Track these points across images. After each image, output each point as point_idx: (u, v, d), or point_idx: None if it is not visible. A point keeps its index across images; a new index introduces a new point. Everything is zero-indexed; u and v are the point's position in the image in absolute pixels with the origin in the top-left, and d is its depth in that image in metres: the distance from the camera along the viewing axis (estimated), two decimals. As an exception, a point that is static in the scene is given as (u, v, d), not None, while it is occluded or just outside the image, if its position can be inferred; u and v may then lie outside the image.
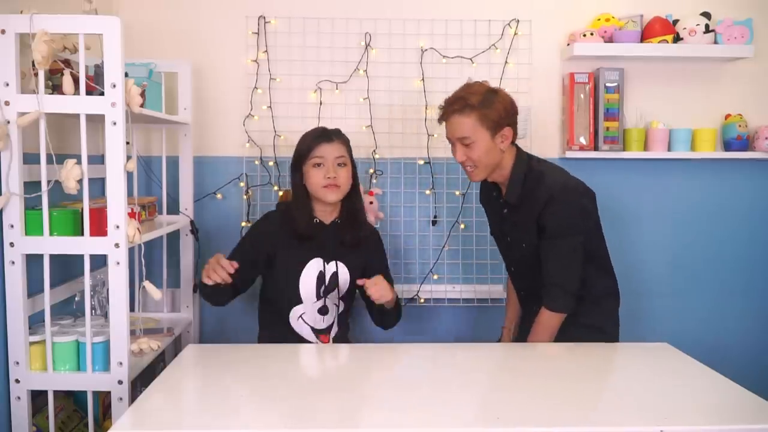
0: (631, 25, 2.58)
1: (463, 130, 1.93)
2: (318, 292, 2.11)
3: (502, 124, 1.93)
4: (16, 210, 1.70)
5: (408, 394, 1.48)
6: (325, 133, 2.12)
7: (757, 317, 2.77)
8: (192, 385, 1.60)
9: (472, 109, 1.91)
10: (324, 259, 2.12)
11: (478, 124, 1.91)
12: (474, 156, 1.95)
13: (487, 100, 1.91)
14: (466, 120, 1.92)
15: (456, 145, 1.98)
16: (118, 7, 2.55)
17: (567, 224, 1.92)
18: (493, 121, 1.91)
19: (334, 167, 2.07)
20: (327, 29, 2.61)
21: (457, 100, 1.94)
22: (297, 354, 1.83)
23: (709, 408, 1.42)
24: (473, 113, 1.91)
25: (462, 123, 1.93)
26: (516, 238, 2.05)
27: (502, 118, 1.92)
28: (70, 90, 1.70)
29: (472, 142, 1.93)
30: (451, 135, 1.99)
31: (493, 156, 1.96)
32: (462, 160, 1.98)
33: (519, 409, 1.41)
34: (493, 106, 1.91)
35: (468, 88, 1.96)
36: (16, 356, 1.74)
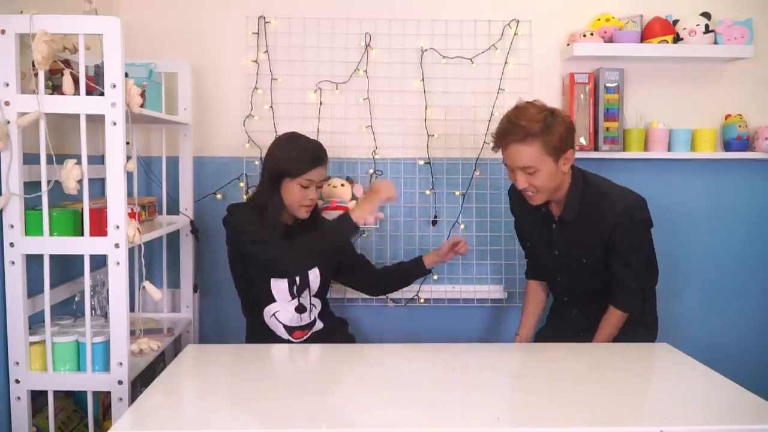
0: (631, 25, 2.58)
1: (527, 160, 1.87)
2: (291, 290, 2.13)
3: (565, 148, 1.90)
4: (16, 210, 1.70)
5: (408, 394, 1.48)
6: (320, 157, 2.11)
7: (757, 317, 2.77)
8: (192, 385, 1.60)
9: (534, 137, 1.85)
10: None
11: (542, 152, 1.86)
12: (538, 183, 1.91)
13: (547, 126, 1.85)
14: (528, 149, 1.86)
15: (517, 173, 1.93)
16: (118, 7, 2.55)
17: (640, 239, 1.98)
18: (555, 147, 1.86)
19: (316, 189, 2.12)
20: (327, 29, 2.61)
21: (516, 129, 1.87)
22: (297, 354, 1.83)
23: (709, 408, 1.42)
24: (535, 142, 1.85)
25: (524, 152, 1.87)
26: (571, 254, 2.04)
27: (564, 142, 1.88)
28: (70, 90, 1.70)
29: (537, 170, 1.88)
30: (511, 163, 1.92)
31: (556, 179, 1.93)
32: (524, 187, 1.93)
33: (519, 409, 1.41)
34: (554, 130, 1.86)
35: (525, 114, 1.88)
36: (16, 356, 1.74)
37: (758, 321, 2.78)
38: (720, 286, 2.77)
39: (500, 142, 1.92)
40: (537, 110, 1.89)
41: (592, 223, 1.96)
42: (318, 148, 2.14)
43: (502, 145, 1.92)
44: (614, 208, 1.93)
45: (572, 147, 1.92)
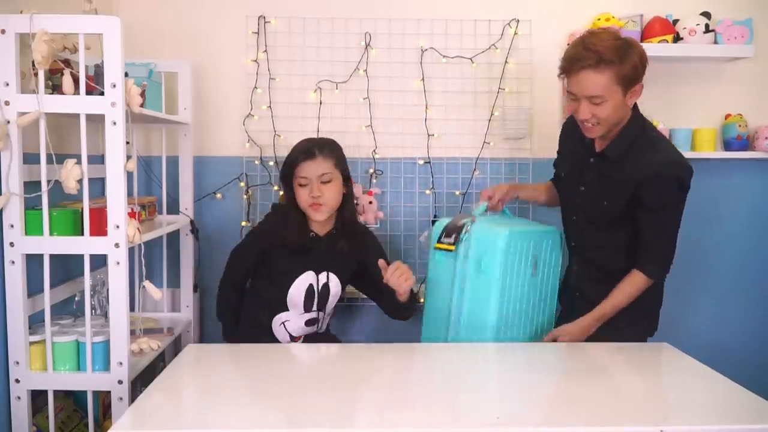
0: (631, 25, 2.58)
1: (596, 89, 1.77)
2: (306, 304, 2.10)
3: (636, 80, 1.80)
4: (16, 210, 1.70)
5: (407, 394, 1.48)
6: (309, 149, 2.04)
7: (757, 317, 2.77)
8: (192, 385, 1.60)
9: (607, 65, 1.74)
10: (315, 271, 2.10)
11: (613, 81, 1.76)
12: (602, 114, 1.81)
13: (623, 55, 1.75)
14: (600, 78, 1.76)
15: (581, 102, 1.82)
16: (118, 7, 2.55)
17: (676, 198, 1.88)
18: (627, 77, 1.77)
19: (318, 186, 2.01)
20: (327, 29, 2.61)
21: (590, 54, 1.75)
22: (297, 354, 1.83)
23: (709, 408, 1.42)
24: (608, 70, 1.75)
25: (595, 81, 1.76)
26: (598, 192, 1.94)
27: (636, 74, 1.79)
28: (70, 90, 1.70)
29: (604, 101, 1.78)
30: (577, 91, 1.81)
31: (619, 113, 1.83)
32: (586, 117, 1.82)
33: (519, 409, 1.41)
34: (628, 59, 1.76)
35: (600, 40, 1.77)
36: (16, 356, 1.74)
37: (758, 321, 2.78)
38: (720, 285, 2.77)
39: (570, 68, 1.80)
40: (612, 37, 1.78)
41: (630, 168, 1.87)
42: (309, 143, 2.08)
43: (572, 70, 1.80)
44: (662, 158, 1.85)
45: (641, 81, 1.83)
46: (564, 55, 1.85)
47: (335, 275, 2.13)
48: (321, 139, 2.12)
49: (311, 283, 2.10)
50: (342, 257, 2.12)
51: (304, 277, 2.09)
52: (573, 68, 1.80)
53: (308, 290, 2.10)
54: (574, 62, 1.79)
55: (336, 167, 2.06)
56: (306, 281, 2.09)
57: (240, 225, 2.63)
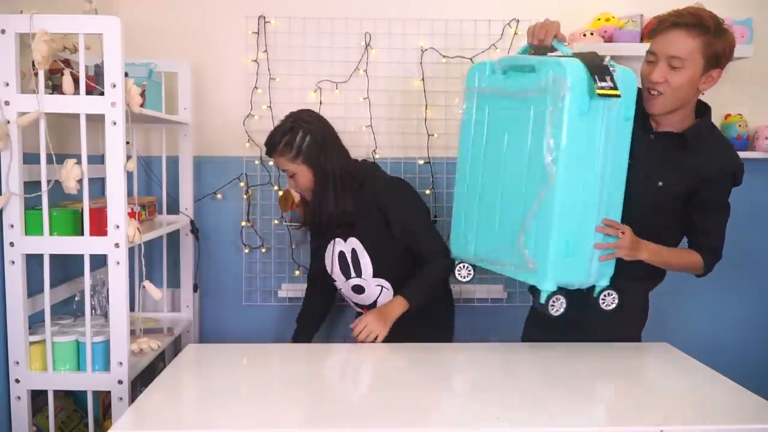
0: (631, 24, 2.58)
1: (681, 50, 1.69)
2: (344, 271, 2.12)
3: (719, 63, 1.74)
4: (16, 210, 1.70)
5: (407, 394, 1.48)
6: (267, 148, 2.06)
7: (757, 317, 2.77)
8: (192, 385, 1.60)
9: (702, 31, 1.69)
10: (342, 238, 2.10)
11: (700, 50, 1.69)
12: (675, 82, 1.72)
13: (719, 29, 1.70)
14: (690, 41, 1.69)
15: (659, 62, 1.74)
16: (118, 7, 2.55)
17: (728, 198, 1.86)
18: (715, 53, 1.71)
19: (289, 179, 2.09)
20: (327, 29, 2.61)
21: (690, 16, 1.70)
22: (297, 354, 1.83)
23: (709, 408, 1.42)
24: (700, 37, 1.69)
25: (683, 41, 1.69)
26: (653, 174, 1.80)
27: (723, 56, 1.73)
28: (70, 90, 1.70)
29: (682, 67, 1.71)
30: (659, 49, 1.73)
31: (689, 92, 1.76)
32: (657, 80, 1.73)
33: (519, 409, 1.41)
34: (723, 37, 1.71)
35: (701, 9, 1.73)
36: (16, 356, 1.74)
37: (758, 321, 2.78)
38: (720, 285, 2.76)
39: (662, 24, 1.74)
40: (712, 14, 1.74)
41: (704, 158, 1.78)
42: (268, 138, 2.06)
43: (662, 27, 1.73)
44: (733, 157, 1.82)
45: (722, 69, 1.77)
46: (657, 17, 1.79)
47: (356, 238, 2.09)
48: (272, 136, 2.05)
49: (342, 250, 2.11)
50: (355, 218, 2.07)
51: (332, 246, 2.12)
52: (665, 24, 1.73)
53: (341, 258, 2.11)
54: (669, 19, 1.73)
55: (294, 161, 2.02)
56: (336, 249, 2.12)
57: (240, 225, 2.63)
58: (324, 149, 2.03)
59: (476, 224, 1.78)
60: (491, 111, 1.75)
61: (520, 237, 1.63)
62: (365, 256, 2.09)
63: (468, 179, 1.80)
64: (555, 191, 1.57)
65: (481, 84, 1.76)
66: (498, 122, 1.73)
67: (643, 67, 1.80)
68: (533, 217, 1.60)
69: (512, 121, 1.67)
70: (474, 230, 1.79)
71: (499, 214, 1.70)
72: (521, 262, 1.64)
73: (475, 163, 1.78)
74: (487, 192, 1.75)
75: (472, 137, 1.79)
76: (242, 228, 2.63)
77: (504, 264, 1.70)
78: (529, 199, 1.61)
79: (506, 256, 1.69)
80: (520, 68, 1.67)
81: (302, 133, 2.02)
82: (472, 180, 1.79)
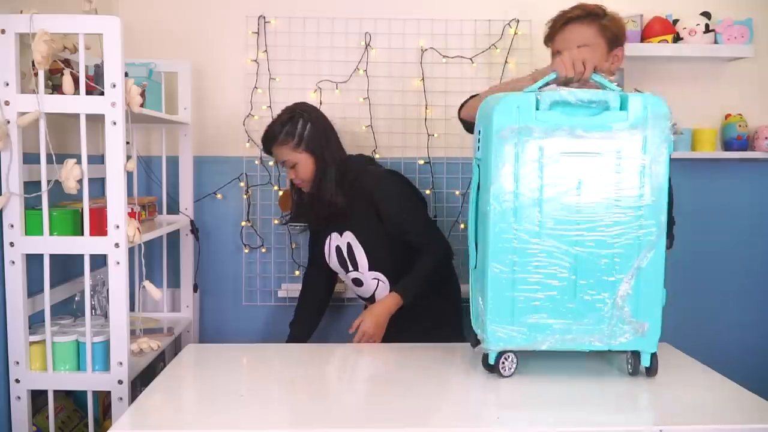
0: (631, 25, 2.58)
1: (583, 39, 1.80)
2: (342, 265, 2.15)
3: (618, 41, 1.85)
4: (16, 210, 1.70)
5: (406, 394, 1.48)
6: (264, 143, 2.10)
7: (757, 317, 2.77)
8: (192, 385, 1.60)
9: (593, 18, 1.81)
10: (338, 232, 2.13)
11: (598, 34, 1.81)
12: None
13: (605, 11, 1.83)
14: (587, 29, 1.81)
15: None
16: (118, 7, 2.55)
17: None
18: (613, 33, 1.82)
19: (288, 170, 2.11)
20: (327, 29, 2.61)
21: (576, 9, 1.83)
22: (297, 354, 1.83)
23: (709, 408, 1.42)
24: (595, 23, 1.82)
25: (582, 31, 1.82)
26: None
27: (620, 34, 1.85)
28: (70, 90, 1.70)
29: (592, 53, 1.77)
30: (565, 46, 1.81)
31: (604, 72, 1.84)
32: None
33: (519, 409, 1.41)
34: (611, 16, 1.83)
35: (584, 3, 1.86)
36: (16, 356, 1.74)
37: (758, 321, 2.78)
38: (720, 285, 2.77)
39: (556, 25, 1.85)
40: (596, 3, 1.86)
41: None
42: (265, 133, 2.10)
43: (557, 27, 1.85)
44: None
45: (623, 46, 1.87)
46: (548, 21, 1.89)
47: (351, 232, 2.10)
48: (271, 128, 2.07)
49: (338, 244, 2.13)
50: (349, 213, 2.08)
51: (329, 241, 2.15)
52: (559, 23, 1.84)
53: (338, 252, 2.13)
54: (561, 17, 1.84)
55: (295, 150, 2.05)
56: (333, 244, 2.14)
57: (240, 225, 2.63)
58: (324, 137, 2.07)
59: (524, 311, 1.46)
60: (547, 154, 1.41)
61: (618, 305, 1.45)
62: (360, 251, 2.10)
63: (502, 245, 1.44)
64: (659, 244, 1.46)
65: (525, 122, 1.41)
66: (561, 169, 1.42)
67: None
68: (635, 278, 1.44)
69: (587, 166, 1.42)
70: (520, 319, 1.46)
71: (575, 287, 1.44)
72: (623, 333, 1.46)
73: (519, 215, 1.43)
74: (549, 259, 1.44)
75: (513, 188, 1.42)
76: (242, 228, 2.63)
77: (584, 338, 1.47)
78: (624, 258, 1.44)
79: (595, 330, 1.46)
80: (578, 104, 1.43)
81: (302, 121, 2.05)
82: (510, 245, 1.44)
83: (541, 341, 1.47)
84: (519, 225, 1.42)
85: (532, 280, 1.44)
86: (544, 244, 1.43)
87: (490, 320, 1.46)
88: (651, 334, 1.48)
